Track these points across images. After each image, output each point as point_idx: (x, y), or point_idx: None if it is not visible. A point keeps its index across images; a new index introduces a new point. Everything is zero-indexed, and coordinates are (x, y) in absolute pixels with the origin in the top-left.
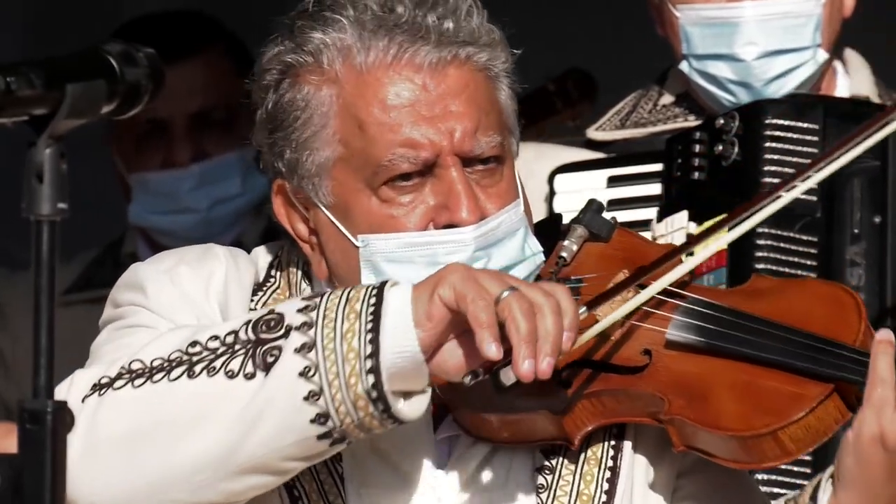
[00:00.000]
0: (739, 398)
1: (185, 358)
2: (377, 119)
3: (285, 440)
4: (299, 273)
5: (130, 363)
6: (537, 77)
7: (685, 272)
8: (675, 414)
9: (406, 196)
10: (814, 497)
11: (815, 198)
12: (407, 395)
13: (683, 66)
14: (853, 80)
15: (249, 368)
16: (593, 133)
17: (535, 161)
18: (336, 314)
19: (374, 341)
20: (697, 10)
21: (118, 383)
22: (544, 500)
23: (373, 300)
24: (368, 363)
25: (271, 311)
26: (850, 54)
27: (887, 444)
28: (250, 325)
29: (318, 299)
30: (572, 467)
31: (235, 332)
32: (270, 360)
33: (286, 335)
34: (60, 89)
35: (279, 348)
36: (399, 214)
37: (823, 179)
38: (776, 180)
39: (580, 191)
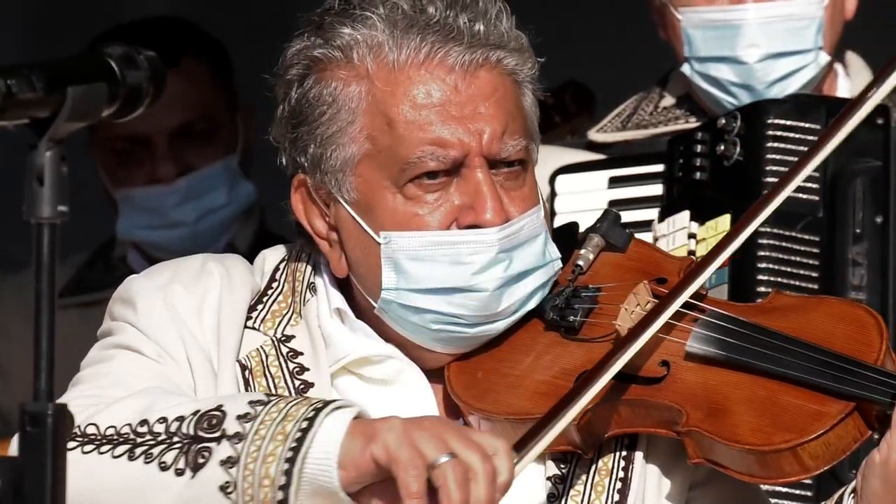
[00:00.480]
0: (758, 413)
1: (131, 437)
2: (407, 117)
3: None
4: (305, 280)
5: (86, 427)
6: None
7: (703, 282)
8: (692, 426)
9: (431, 194)
10: None
11: (816, 197)
12: None
13: (685, 68)
14: (854, 82)
15: (181, 465)
16: (594, 135)
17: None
18: (268, 431)
19: (289, 473)
20: (700, 12)
21: (70, 444)
22: None
23: (304, 424)
24: (280, 494)
25: (219, 407)
26: (852, 57)
27: None
28: (195, 418)
29: (260, 408)
30: (584, 477)
31: (181, 421)
32: (200, 461)
33: (219, 440)
34: (61, 92)
35: (210, 451)
36: (423, 213)
37: (826, 171)
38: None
39: (581, 192)
